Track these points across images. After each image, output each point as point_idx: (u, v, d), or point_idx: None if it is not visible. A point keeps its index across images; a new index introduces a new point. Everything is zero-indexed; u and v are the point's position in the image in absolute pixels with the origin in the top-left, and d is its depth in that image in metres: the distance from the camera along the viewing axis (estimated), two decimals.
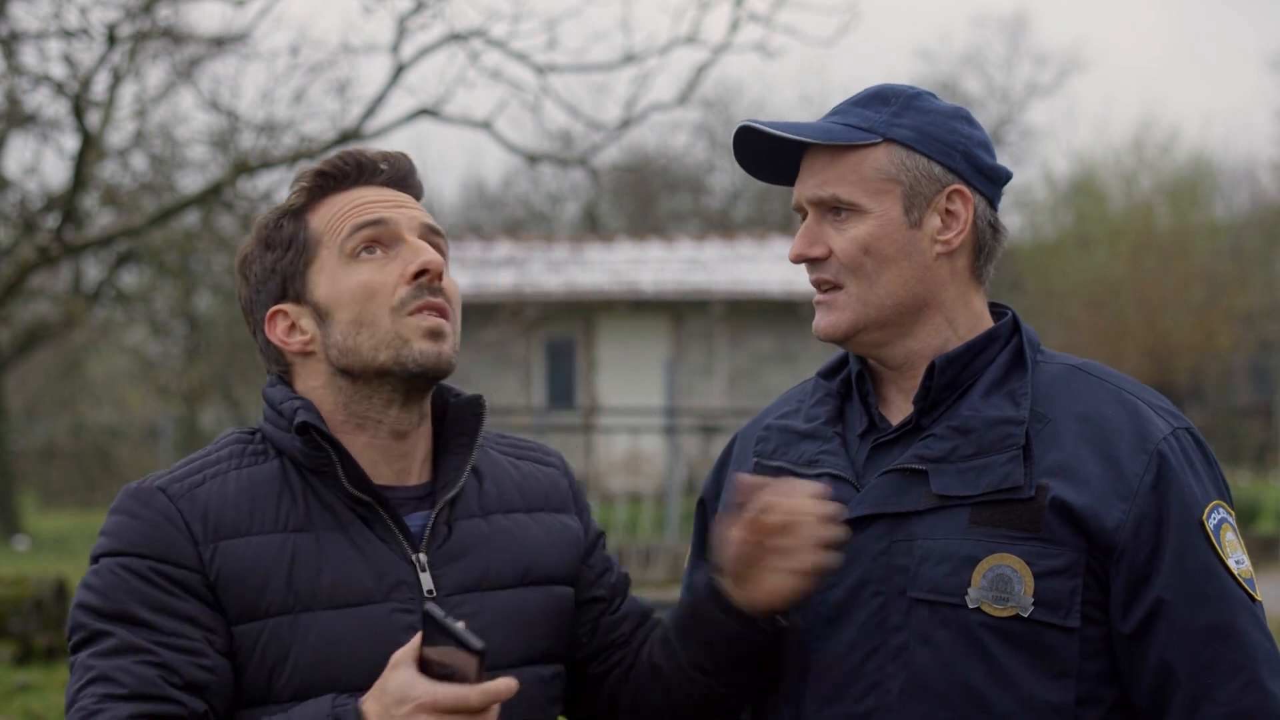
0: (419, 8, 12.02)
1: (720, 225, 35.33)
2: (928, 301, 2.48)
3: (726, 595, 2.44)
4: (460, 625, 2.08)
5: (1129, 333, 30.58)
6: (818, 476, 2.49)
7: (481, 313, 24.03)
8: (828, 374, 2.64)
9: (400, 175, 2.51)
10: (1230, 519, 2.42)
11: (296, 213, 2.46)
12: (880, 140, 2.47)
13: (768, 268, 26.01)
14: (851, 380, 2.60)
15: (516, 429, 21.33)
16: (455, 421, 2.50)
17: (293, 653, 2.31)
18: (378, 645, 2.30)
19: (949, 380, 2.47)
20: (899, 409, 2.52)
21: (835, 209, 2.48)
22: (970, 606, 2.36)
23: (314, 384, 2.44)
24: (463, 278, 23.97)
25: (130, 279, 24.66)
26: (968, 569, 2.37)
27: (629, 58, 12.55)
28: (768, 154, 2.53)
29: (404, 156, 2.52)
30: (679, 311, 25.87)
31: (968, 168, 2.49)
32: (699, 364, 25.86)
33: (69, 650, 2.34)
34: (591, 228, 36.32)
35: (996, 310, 2.58)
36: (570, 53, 18.81)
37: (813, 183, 2.49)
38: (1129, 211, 33.52)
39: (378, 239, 2.42)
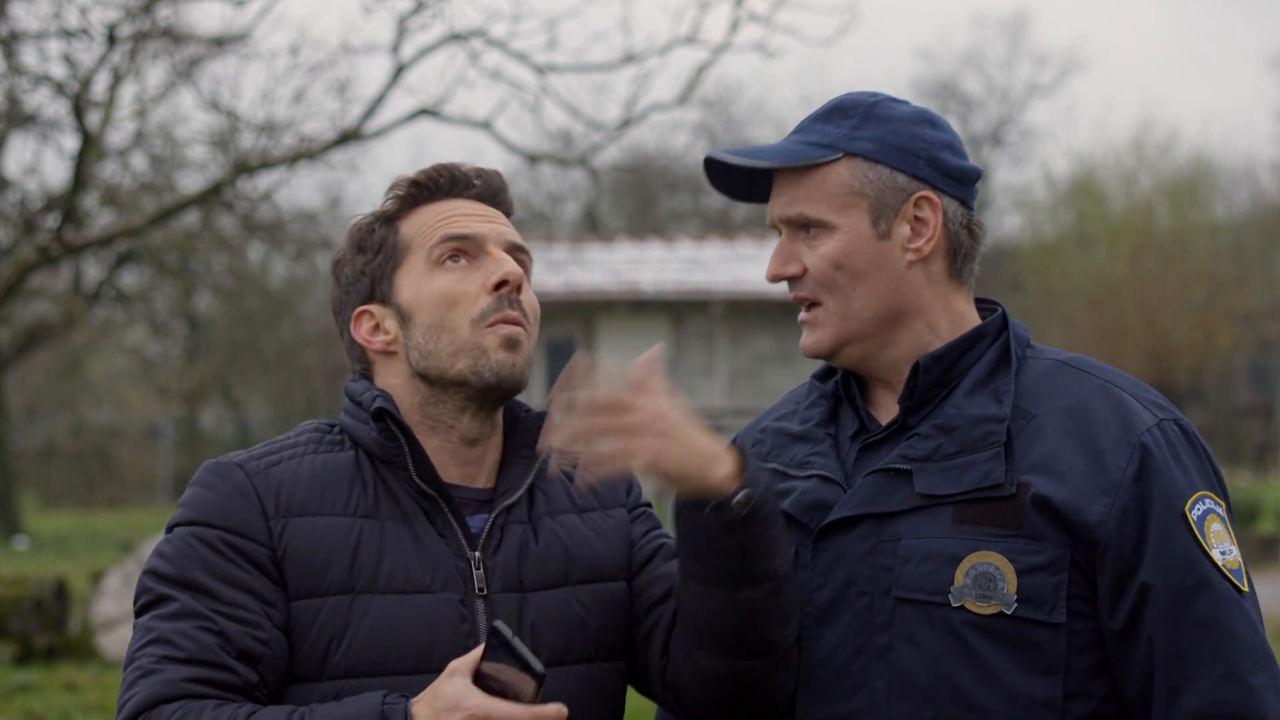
0: (419, 8, 12.02)
1: (720, 225, 35.34)
2: (905, 310, 2.49)
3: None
4: (525, 647, 2.15)
5: (1129, 333, 30.60)
6: (808, 478, 2.51)
7: None
8: (822, 376, 2.65)
9: (491, 191, 2.61)
10: (1218, 510, 2.41)
11: (389, 219, 2.55)
12: (841, 155, 2.48)
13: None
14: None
15: None
16: (524, 434, 2.56)
17: (349, 631, 2.38)
18: (428, 632, 2.39)
19: (935, 379, 2.47)
20: (888, 410, 2.53)
21: (805, 226, 2.50)
22: (954, 605, 2.37)
23: (393, 382, 2.53)
24: None
25: (130, 279, 24.69)
26: (950, 567, 2.37)
27: (629, 58, 12.55)
28: (740, 177, 2.55)
29: (497, 174, 2.62)
30: (679, 311, 25.88)
31: (932, 172, 2.48)
32: (699, 364, 25.87)
33: (134, 613, 2.43)
34: (591, 228, 36.34)
35: (986, 308, 2.58)
36: (570, 53, 18.85)
37: (781, 202, 2.51)
38: (1129, 211, 33.54)
39: (464, 249, 2.51)
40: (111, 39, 11.83)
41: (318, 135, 12.53)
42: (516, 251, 2.55)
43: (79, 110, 11.90)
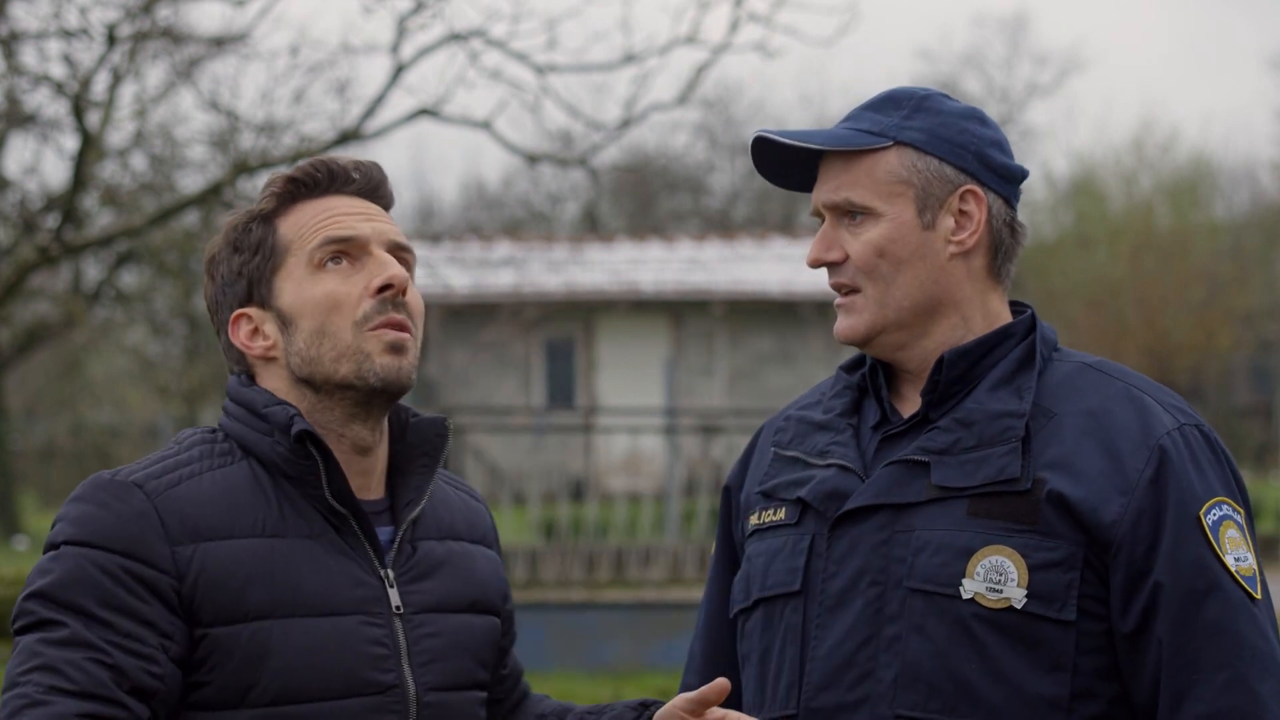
0: (419, 8, 12.02)
1: (720, 225, 35.31)
2: (943, 301, 2.50)
3: None
4: None
5: (1129, 333, 30.59)
6: (827, 467, 2.51)
7: (481, 313, 24.07)
8: (849, 367, 2.65)
9: (372, 185, 2.50)
10: (1236, 516, 2.41)
11: (266, 218, 2.46)
12: (891, 144, 2.49)
13: (768, 268, 26.02)
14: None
15: (516, 429, 21.36)
16: (416, 441, 2.48)
17: (273, 657, 2.30)
18: (351, 655, 2.33)
19: (959, 374, 2.48)
20: (912, 403, 2.53)
21: (850, 213, 2.50)
22: (964, 597, 2.37)
23: (276, 386, 2.44)
24: (462, 278, 23.97)
25: (130, 279, 24.67)
26: (963, 560, 2.38)
27: (629, 58, 12.55)
28: (785, 162, 2.56)
29: (376, 166, 2.52)
30: (679, 311, 25.87)
31: (980, 167, 2.50)
32: (699, 364, 25.87)
33: (14, 631, 2.30)
34: (591, 228, 36.32)
35: (1018, 309, 2.59)
36: (570, 53, 18.80)
37: (827, 188, 2.52)
38: (1129, 211, 33.53)
39: (345, 251, 2.42)
40: (111, 39, 11.83)
41: (318, 135, 12.54)
42: (399, 250, 2.45)
43: (79, 110, 11.90)
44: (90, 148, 12.03)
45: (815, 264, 2.54)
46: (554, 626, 13.10)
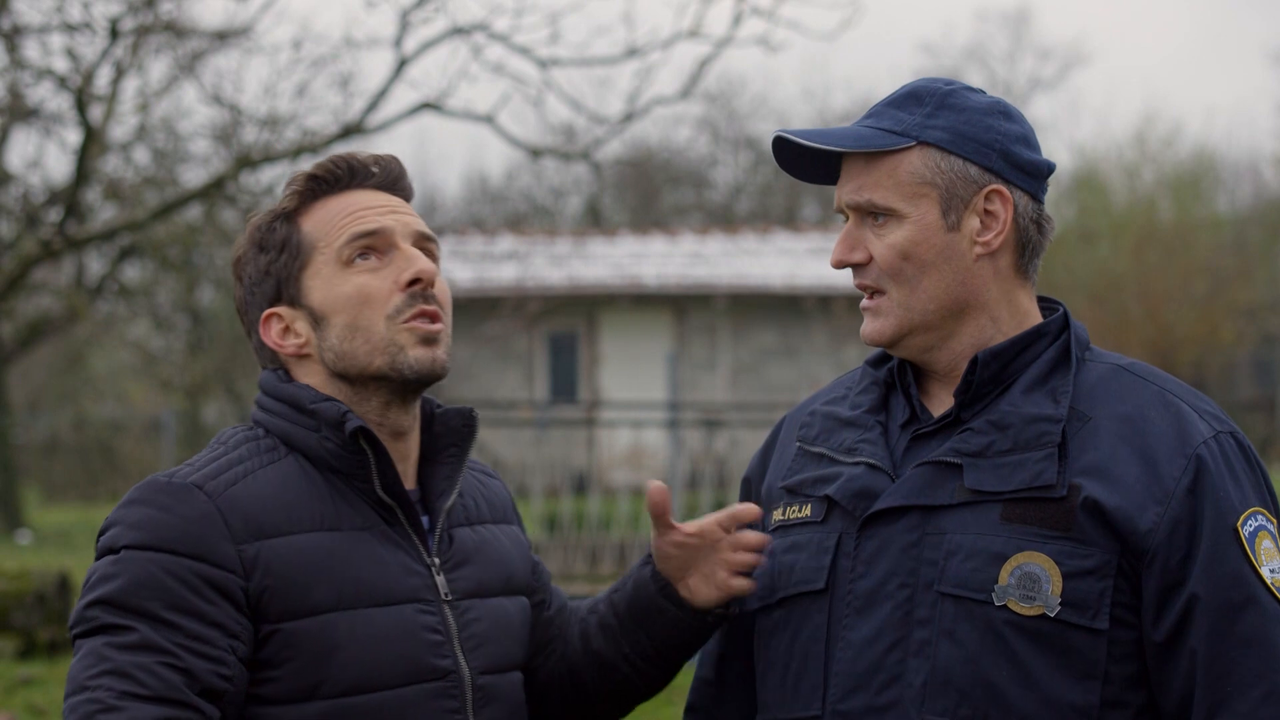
0: (422, 2, 12.01)
1: (723, 219, 35.29)
2: (970, 303, 2.46)
3: (678, 593, 2.59)
4: None
5: (1132, 327, 30.56)
6: (855, 464, 2.48)
7: (484, 307, 24.04)
8: (875, 362, 2.61)
9: (391, 179, 2.54)
10: (1270, 527, 2.38)
11: (289, 216, 2.50)
12: (914, 143, 2.45)
13: (770, 262, 26.00)
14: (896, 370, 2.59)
15: (519, 423, 21.35)
16: (443, 432, 2.53)
17: (341, 650, 2.33)
18: (411, 644, 2.38)
19: (992, 375, 2.45)
20: (942, 401, 2.50)
21: (874, 214, 2.47)
22: (997, 604, 2.34)
23: (313, 382, 2.48)
24: (465, 272, 23.97)
25: (133, 273, 24.66)
26: (996, 565, 2.35)
27: (632, 52, 12.54)
28: (807, 157, 2.52)
29: (395, 160, 2.56)
30: (681, 305, 25.85)
31: (1005, 165, 2.46)
32: (702, 358, 25.85)
33: (73, 635, 2.31)
34: (594, 222, 36.32)
35: (1048, 306, 2.56)
36: (573, 47, 18.82)
37: (850, 188, 2.48)
38: (1132, 205, 33.50)
39: (372, 246, 2.46)
40: (114, 33, 11.83)
41: (320, 129, 12.54)
42: (424, 241, 2.51)
43: (81, 104, 11.89)
44: (93, 142, 12.02)
45: (839, 265, 2.50)
46: None
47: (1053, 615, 2.33)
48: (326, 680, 2.32)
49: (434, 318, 2.46)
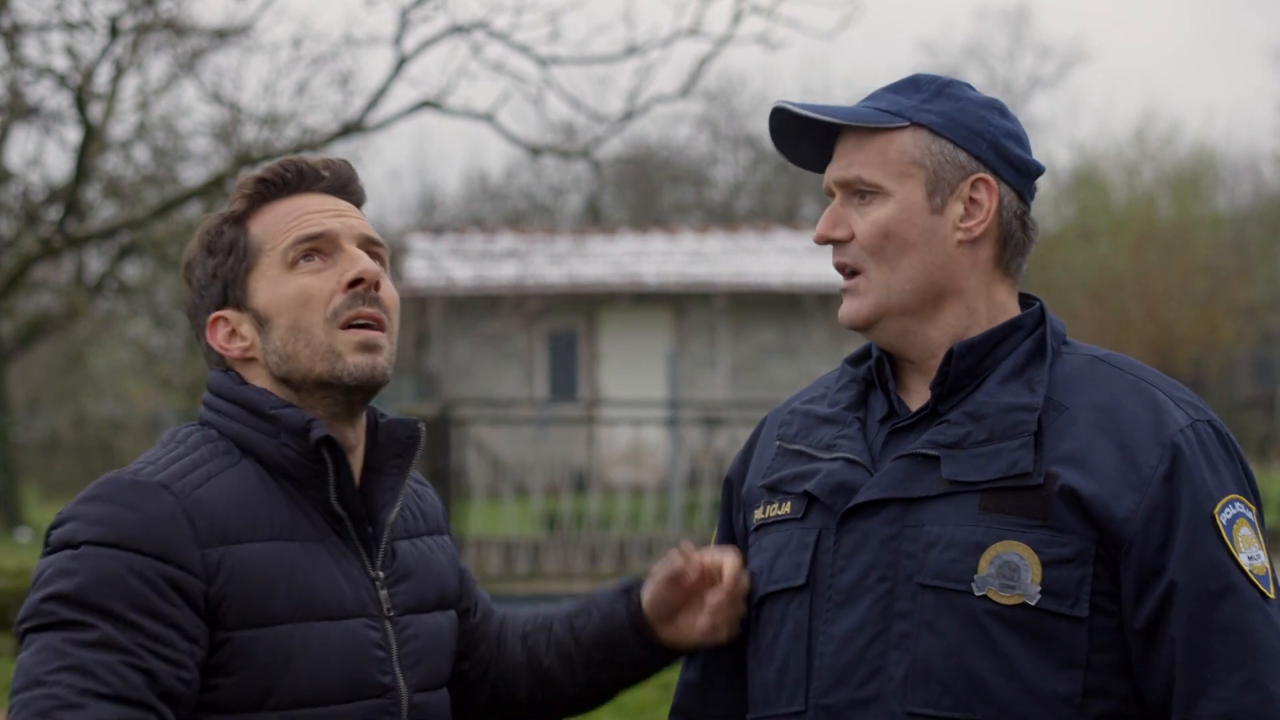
0: (421, 0, 12.01)
1: (723, 217, 35.29)
2: (948, 289, 2.48)
3: (652, 631, 2.62)
4: None
5: (1131, 325, 30.56)
6: (834, 460, 2.49)
7: (483, 305, 24.06)
8: (855, 361, 2.63)
9: (341, 182, 2.52)
10: (1249, 514, 2.38)
11: (238, 219, 2.48)
12: (907, 124, 2.48)
13: (770, 260, 26.01)
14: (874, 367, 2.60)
15: (518, 421, 21.35)
16: (387, 442, 2.50)
17: (294, 661, 2.32)
18: (357, 658, 2.37)
19: (968, 367, 2.46)
20: (920, 396, 2.51)
21: (860, 192, 2.49)
22: (977, 594, 2.35)
23: (258, 386, 2.46)
24: (465, 270, 23.97)
25: (133, 271, 24.66)
26: (974, 555, 2.36)
27: (631, 50, 12.53)
28: (801, 137, 2.55)
29: (345, 164, 2.54)
30: (681, 304, 25.86)
31: (994, 157, 2.48)
32: (701, 356, 25.86)
33: (24, 629, 2.26)
34: (594, 220, 36.31)
35: (1027, 303, 2.57)
36: (573, 45, 18.84)
37: (840, 164, 2.51)
38: (1131, 204, 33.50)
39: (317, 248, 2.44)
40: (114, 31, 11.82)
41: (320, 127, 12.53)
42: (371, 245, 2.48)
43: (81, 102, 11.88)
44: (93, 140, 12.02)
45: (821, 240, 2.53)
46: None
47: (1033, 604, 2.33)
48: (275, 691, 2.30)
49: (374, 321, 2.42)
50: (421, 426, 2.52)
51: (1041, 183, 2.59)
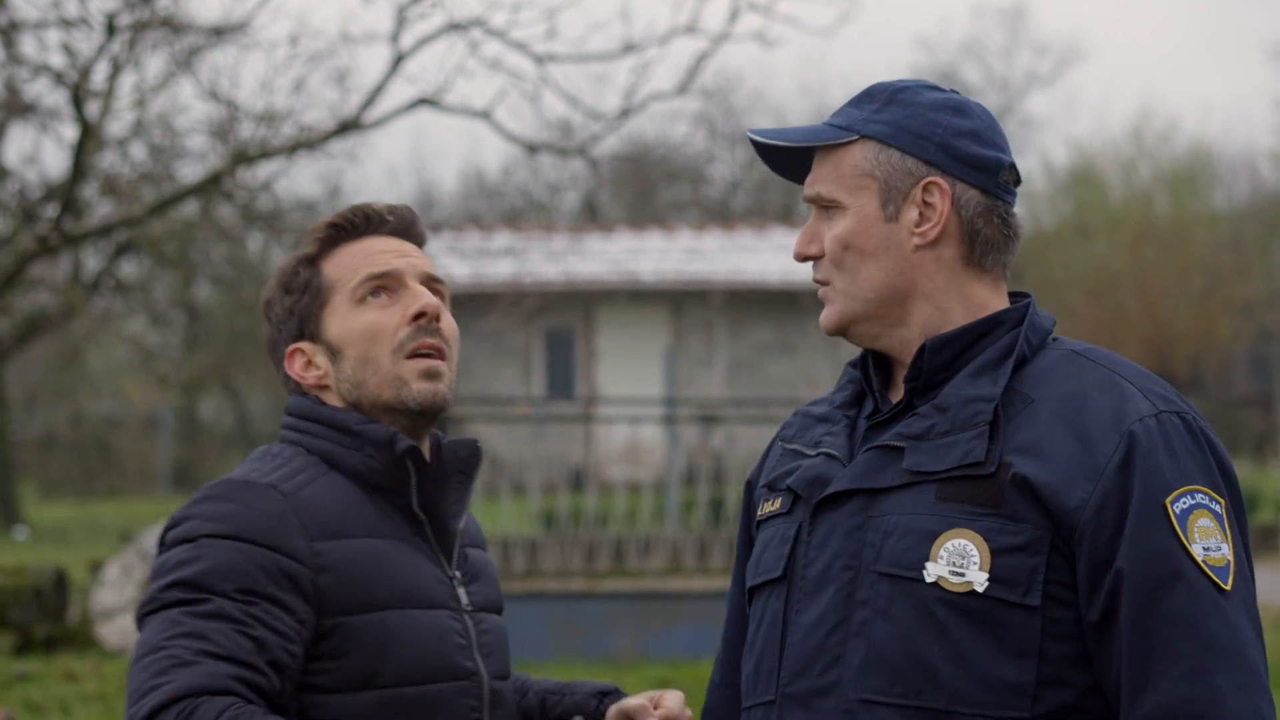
0: None
1: (719, 215, 35.29)
2: (912, 292, 2.51)
3: None
4: None
5: (1129, 323, 30.60)
6: (816, 455, 2.55)
7: (480, 302, 24.04)
8: (855, 362, 2.67)
9: (404, 225, 2.79)
10: (1213, 506, 2.37)
11: (311, 260, 2.74)
12: (856, 138, 2.53)
13: (767, 258, 26.01)
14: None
15: (515, 419, 21.36)
16: (451, 460, 2.72)
17: (395, 644, 2.56)
18: (445, 644, 2.62)
19: (944, 362, 2.48)
20: (902, 392, 2.54)
21: (825, 207, 2.55)
22: (928, 580, 2.37)
23: None
24: (462, 268, 23.97)
25: (130, 269, 24.68)
26: (927, 544, 2.38)
27: (628, 47, 12.53)
28: (788, 157, 2.61)
29: (408, 209, 2.81)
30: (678, 301, 25.87)
31: (944, 158, 2.50)
32: (698, 354, 25.87)
33: (144, 613, 2.49)
34: (591, 217, 36.31)
35: (1018, 299, 2.58)
36: (569, 42, 18.77)
37: (808, 182, 2.58)
38: (1128, 201, 33.54)
39: (384, 285, 2.70)
40: (111, 29, 11.81)
41: (317, 125, 12.52)
42: (432, 282, 2.75)
43: (78, 100, 11.88)
44: (89, 137, 12.01)
45: (799, 258, 2.61)
46: (553, 616, 13.11)
47: (982, 591, 2.34)
48: (381, 672, 2.54)
49: (436, 351, 2.68)
50: (481, 446, 2.75)
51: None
